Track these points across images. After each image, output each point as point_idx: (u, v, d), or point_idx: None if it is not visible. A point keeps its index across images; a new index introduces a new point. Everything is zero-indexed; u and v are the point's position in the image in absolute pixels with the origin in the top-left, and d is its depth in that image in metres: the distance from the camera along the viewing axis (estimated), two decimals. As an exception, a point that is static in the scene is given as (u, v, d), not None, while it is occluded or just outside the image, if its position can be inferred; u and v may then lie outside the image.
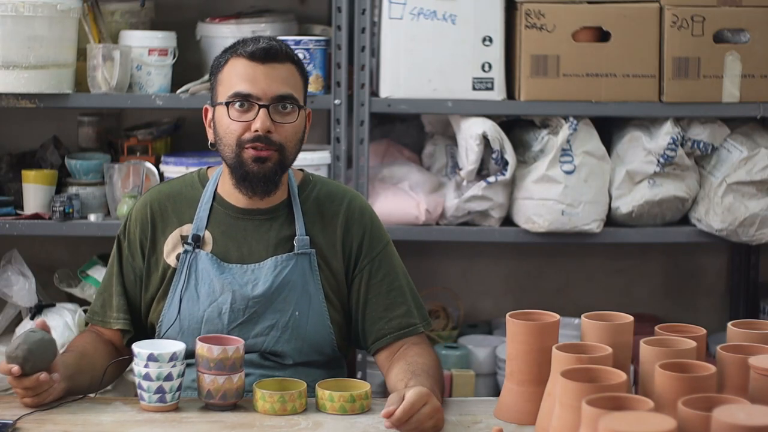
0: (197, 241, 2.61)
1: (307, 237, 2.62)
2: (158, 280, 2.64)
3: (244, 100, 2.53)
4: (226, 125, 2.55)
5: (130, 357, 2.53)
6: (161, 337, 2.61)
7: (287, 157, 2.57)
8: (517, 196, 3.65)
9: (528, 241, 3.66)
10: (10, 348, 2.39)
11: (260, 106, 2.52)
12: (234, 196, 2.64)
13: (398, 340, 2.63)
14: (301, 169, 2.77)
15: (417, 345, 2.62)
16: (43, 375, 2.38)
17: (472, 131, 3.57)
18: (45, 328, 2.44)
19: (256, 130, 2.52)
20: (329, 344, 2.63)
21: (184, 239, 2.63)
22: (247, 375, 2.53)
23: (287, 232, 2.63)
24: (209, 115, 2.63)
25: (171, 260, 2.63)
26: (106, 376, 2.59)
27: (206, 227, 2.63)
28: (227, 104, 2.54)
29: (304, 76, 2.62)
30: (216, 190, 2.67)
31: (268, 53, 2.54)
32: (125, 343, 2.66)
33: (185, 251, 2.61)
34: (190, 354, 2.49)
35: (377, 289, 2.64)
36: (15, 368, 2.37)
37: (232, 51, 2.58)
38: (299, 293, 2.60)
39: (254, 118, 2.53)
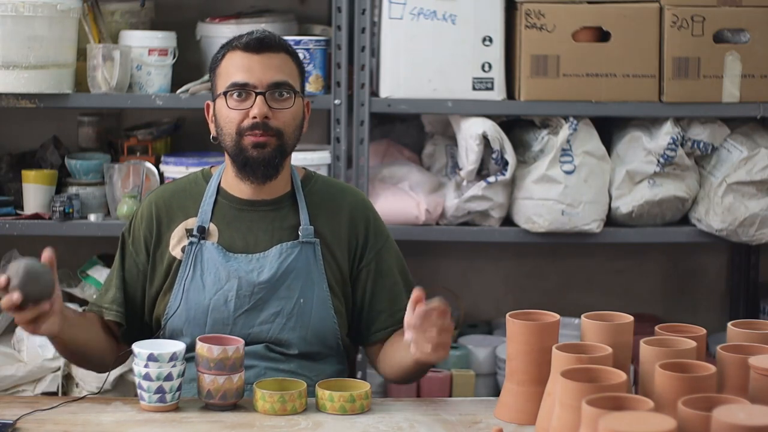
0: (202, 233, 2.65)
1: (312, 227, 2.66)
2: (164, 273, 2.67)
3: (242, 89, 2.59)
4: (226, 115, 2.62)
5: (128, 352, 2.54)
6: (166, 328, 2.63)
7: (286, 142, 2.62)
8: (517, 196, 3.65)
9: (528, 241, 3.66)
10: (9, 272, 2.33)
11: (257, 94, 2.59)
12: (238, 188, 2.68)
13: (396, 331, 2.70)
14: (304, 168, 2.80)
15: None
16: (44, 305, 2.35)
17: (472, 131, 3.57)
18: (51, 263, 2.39)
19: (254, 117, 2.58)
20: (333, 334, 2.66)
21: (189, 232, 2.66)
22: (251, 367, 2.55)
23: (292, 222, 2.67)
24: (210, 111, 2.69)
25: (177, 252, 2.66)
26: (107, 363, 2.64)
27: (211, 220, 2.67)
28: (225, 94, 2.60)
29: (300, 66, 2.69)
30: (220, 184, 2.71)
31: (262, 43, 2.62)
32: (121, 338, 2.68)
33: (190, 243, 2.65)
34: (193, 346, 2.49)
35: (383, 283, 2.71)
36: (16, 296, 2.31)
37: (228, 45, 2.67)
38: (303, 281, 2.64)
39: (252, 106, 2.59)
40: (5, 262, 3.69)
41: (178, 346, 2.47)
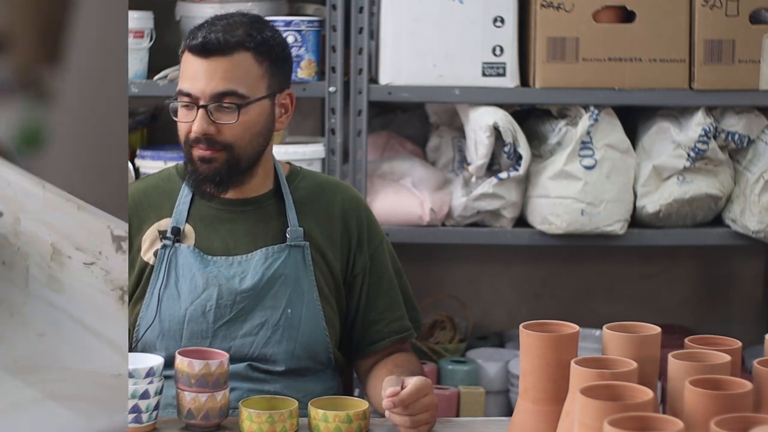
0: (177, 234, 2.65)
1: (301, 228, 2.66)
2: (135, 281, 2.67)
3: (184, 100, 2.59)
4: (178, 123, 2.63)
5: None
6: (139, 342, 2.63)
7: (238, 154, 2.61)
8: (532, 193, 3.65)
9: (544, 243, 3.67)
10: None
11: (199, 107, 2.58)
12: None
13: (392, 344, 2.73)
14: (288, 162, 2.80)
15: (406, 353, 2.76)
16: None
17: (481, 122, 3.58)
18: None
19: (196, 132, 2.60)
20: (324, 348, 2.67)
21: (162, 234, 2.66)
22: (232, 390, 2.54)
23: (277, 223, 2.67)
24: None
25: (148, 257, 2.66)
26: None
27: (186, 220, 2.67)
28: (174, 100, 2.62)
29: (271, 59, 2.62)
30: None
31: (205, 48, 2.57)
32: None
33: (163, 246, 2.64)
34: (170, 362, 2.49)
35: (378, 289, 2.72)
36: None
37: (186, 40, 2.63)
38: (291, 289, 2.64)
39: (194, 119, 2.59)
40: None
41: (156, 360, 2.46)
